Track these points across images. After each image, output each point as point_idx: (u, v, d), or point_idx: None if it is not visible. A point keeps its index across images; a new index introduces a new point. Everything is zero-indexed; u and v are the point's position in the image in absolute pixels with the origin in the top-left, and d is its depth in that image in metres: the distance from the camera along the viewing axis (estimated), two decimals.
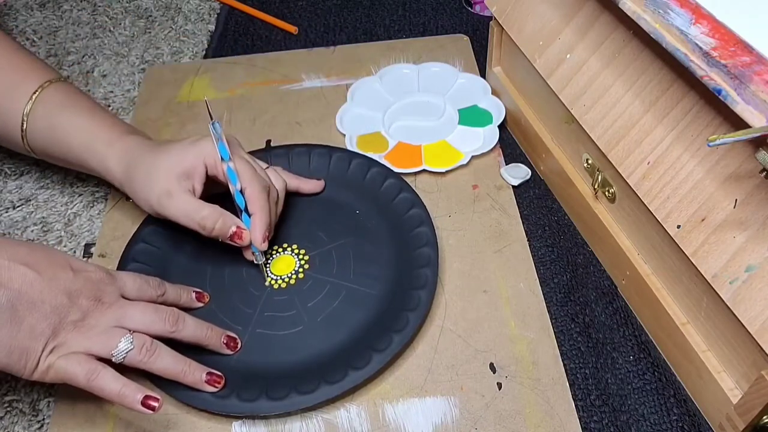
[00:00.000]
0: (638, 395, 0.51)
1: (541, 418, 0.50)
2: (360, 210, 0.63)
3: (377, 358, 0.51)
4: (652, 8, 0.47)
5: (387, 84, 0.76)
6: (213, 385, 0.50)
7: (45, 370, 0.46)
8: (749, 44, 0.42)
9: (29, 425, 0.52)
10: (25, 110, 0.59)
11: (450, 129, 0.70)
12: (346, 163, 0.65)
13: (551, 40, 0.59)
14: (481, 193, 0.65)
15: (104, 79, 0.80)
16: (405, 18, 0.87)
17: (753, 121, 0.39)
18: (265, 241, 0.56)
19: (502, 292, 0.57)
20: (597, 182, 0.56)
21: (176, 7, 0.91)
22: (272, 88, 0.77)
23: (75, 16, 0.89)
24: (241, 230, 0.55)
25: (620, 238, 0.55)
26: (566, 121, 0.59)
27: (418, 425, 0.50)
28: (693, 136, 0.46)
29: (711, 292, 0.44)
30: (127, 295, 0.50)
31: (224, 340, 0.52)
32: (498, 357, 0.53)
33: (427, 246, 0.58)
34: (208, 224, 0.54)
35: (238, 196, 0.56)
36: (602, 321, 0.56)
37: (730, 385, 0.46)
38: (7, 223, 0.65)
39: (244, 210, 0.56)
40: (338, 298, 0.56)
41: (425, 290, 0.55)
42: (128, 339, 0.47)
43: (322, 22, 0.87)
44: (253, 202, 0.56)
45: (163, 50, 0.84)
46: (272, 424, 0.50)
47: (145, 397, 0.46)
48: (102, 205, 0.66)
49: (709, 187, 0.45)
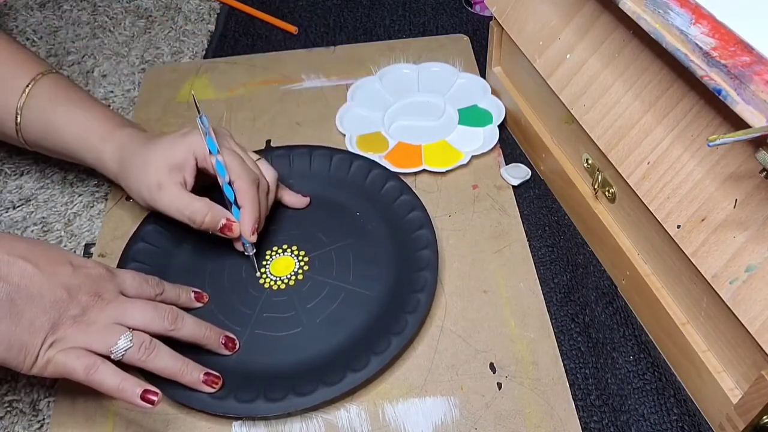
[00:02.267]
0: (638, 395, 0.51)
1: (541, 418, 0.50)
2: (360, 212, 0.63)
3: (376, 361, 0.51)
4: (652, 8, 0.47)
5: (387, 84, 0.76)
6: (210, 385, 0.50)
7: (44, 364, 0.46)
8: (749, 44, 0.42)
9: (29, 425, 0.51)
10: (19, 103, 0.59)
11: (450, 129, 0.70)
12: (347, 164, 0.65)
13: (551, 40, 0.59)
14: (481, 193, 0.65)
15: (104, 79, 0.80)
16: (405, 18, 0.87)
17: (753, 121, 0.39)
18: (255, 234, 0.56)
19: (502, 292, 0.57)
20: (597, 182, 0.56)
21: (176, 7, 0.91)
22: (272, 88, 0.77)
23: (75, 16, 0.89)
24: (231, 223, 0.56)
25: (620, 238, 0.55)
26: (566, 121, 0.59)
27: (418, 425, 0.50)
28: (693, 136, 0.46)
29: (711, 292, 0.44)
30: (126, 292, 0.50)
31: (223, 340, 0.52)
32: (498, 357, 0.53)
33: (427, 248, 0.57)
34: (197, 218, 0.55)
35: (227, 188, 0.56)
36: (602, 321, 0.56)
37: (730, 385, 0.46)
38: (7, 223, 0.65)
39: (233, 202, 0.56)
40: (337, 300, 0.56)
41: (425, 293, 0.55)
42: (128, 337, 0.47)
43: (322, 22, 0.87)
44: (242, 195, 0.56)
45: (163, 50, 0.84)
46: (272, 424, 0.50)
47: (145, 391, 0.46)
48: (102, 205, 0.66)
49: (709, 187, 0.45)
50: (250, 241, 0.57)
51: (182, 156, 0.56)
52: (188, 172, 0.56)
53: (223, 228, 0.56)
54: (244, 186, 0.56)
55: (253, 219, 0.56)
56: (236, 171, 0.56)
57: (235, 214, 0.56)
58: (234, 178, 0.56)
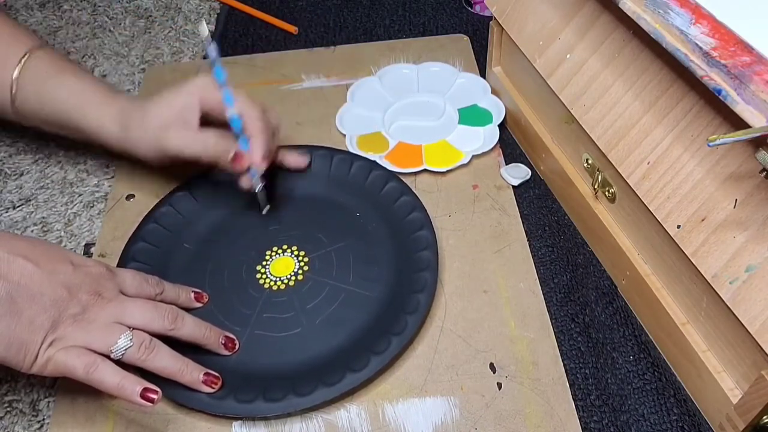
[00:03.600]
0: (638, 395, 0.51)
1: (541, 418, 0.50)
2: (360, 212, 0.63)
3: (375, 361, 0.51)
4: (652, 8, 0.47)
5: (387, 84, 0.76)
6: (210, 385, 0.50)
7: (44, 363, 0.46)
8: (749, 44, 0.42)
9: (29, 425, 0.51)
10: (14, 75, 0.59)
11: (450, 129, 0.70)
12: (347, 165, 0.65)
13: (551, 40, 0.59)
14: (481, 193, 0.65)
15: (104, 79, 0.80)
16: (405, 18, 0.87)
17: (753, 121, 0.39)
18: (265, 161, 0.56)
19: (502, 292, 0.57)
20: (597, 182, 0.56)
21: (176, 7, 0.91)
22: (272, 88, 0.77)
23: (75, 16, 0.89)
24: (241, 153, 0.56)
25: (620, 238, 0.55)
26: (566, 121, 0.59)
27: (418, 425, 0.50)
28: (693, 136, 0.46)
29: (711, 292, 0.44)
30: (126, 291, 0.50)
31: (222, 340, 0.52)
32: (498, 357, 0.53)
33: (427, 249, 0.57)
34: (209, 147, 0.55)
35: (234, 120, 0.56)
36: (602, 321, 0.56)
37: (730, 385, 0.46)
38: (7, 223, 0.65)
39: (241, 133, 0.56)
40: (337, 301, 0.56)
41: (424, 293, 0.55)
42: (128, 336, 0.47)
43: (322, 22, 0.87)
44: (252, 124, 0.56)
45: (163, 50, 0.84)
46: (272, 424, 0.50)
47: (145, 390, 0.46)
48: (102, 205, 0.66)
49: (709, 187, 0.45)
50: (260, 168, 0.56)
51: (183, 99, 0.56)
52: (192, 112, 0.56)
53: (233, 160, 0.55)
54: (253, 114, 0.56)
55: (263, 145, 0.56)
56: (244, 101, 0.56)
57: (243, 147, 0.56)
58: (243, 107, 0.56)
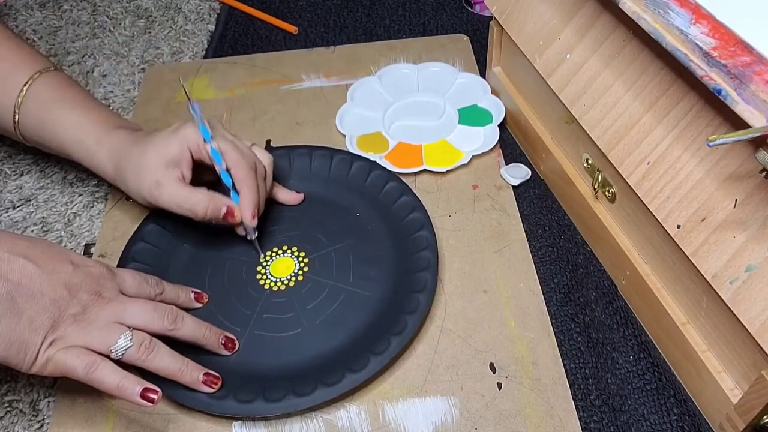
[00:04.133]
0: (638, 395, 0.51)
1: (541, 418, 0.50)
2: (360, 213, 0.63)
3: (375, 361, 0.51)
4: (652, 8, 0.47)
5: (387, 84, 0.76)
6: (210, 385, 0.50)
7: (44, 363, 0.46)
8: (749, 44, 0.42)
9: (29, 425, 0.51)
10: (17, 102, 0.59)
11: (450, 129, 0.70)
12: (347, 165, 0.65)
13: (551, 40, 0.59)
14: (481, 193, 0.65)
15: (104, 79, 0.80)
16: (405, 18, 0.87)
17: (753, 121, 0.39)
18: (255, 218, 0.57)
19: (502, 292, 0.57)
20: (597, 182, 0.56)
21: (176, 7, 0.91)
22: (272, 88, 0.77)
23: (75, 16, 0.89)
24: (232, 209, 0.56)
25: (620, 238, 0.55)
26: (566, 121, 0.59)
27: (418, 425, 0.50)
28: (693, 136, 0.46)
29: (711, 292, 0.44)
30: (126, 291, 0.50)
31: (222, 340, 0.52)
32: (498, 357, 0.53)
33: (427, 250, 0.57)
34: (199, 210, 0.55)
35: (224, 175, 0.56)
36: (602, 321, 0.56)
37: (730, 385, 0.46)
38: (7, 223, 0.65)
39: (232, 188, 0.57)
40: (337, 301, 0.56)
41: (424, 294, 0.55)
42: (128, 336, 0.47)
43: (322, 22, 0.87)
44: (241, 180, 0.56)
45: (163, 50, 0.84)
46: (272, 424, 0.50)
47: (145, 390, 0.46)
48: (102, 205, 0.66)
49: (709, 187, 0.45)
50: (250, 225, 0.57)
51: (177, 150, 0.56)
52: (185, 166, 0.56)
53: (225, 215, 0.56)
54: (241, 171, 0.56)
55: (252, 203, 0.56)
56: (232, 156, 0.56)
57: (235, 200, 0.57)
58: (231, 164, 0.56)
